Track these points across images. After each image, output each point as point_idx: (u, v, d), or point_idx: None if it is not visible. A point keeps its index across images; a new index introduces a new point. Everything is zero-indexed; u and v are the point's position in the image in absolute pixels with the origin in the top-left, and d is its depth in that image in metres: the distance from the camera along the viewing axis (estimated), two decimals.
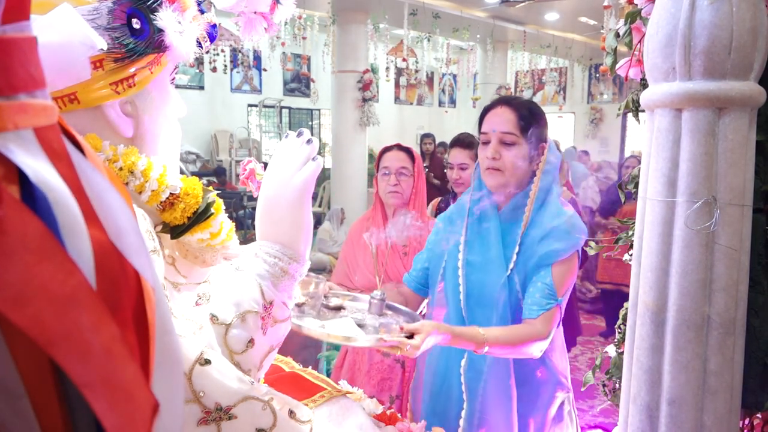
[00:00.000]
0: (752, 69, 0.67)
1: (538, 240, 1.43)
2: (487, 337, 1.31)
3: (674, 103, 0.70)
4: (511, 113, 1.47)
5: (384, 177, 2.15)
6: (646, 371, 0.73)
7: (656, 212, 0.72)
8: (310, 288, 1.35)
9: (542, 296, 1.38)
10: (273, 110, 10.90)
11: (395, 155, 2.18)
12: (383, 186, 2.15)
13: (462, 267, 1.55)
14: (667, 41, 0.69)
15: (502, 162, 1.46)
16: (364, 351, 2.08)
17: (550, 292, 1.38)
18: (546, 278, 1.39)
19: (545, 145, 1.50)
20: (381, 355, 2.05)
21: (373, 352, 2.05)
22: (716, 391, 0.69)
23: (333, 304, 1.41)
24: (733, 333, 0.70)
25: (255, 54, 10.11)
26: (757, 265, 0.75)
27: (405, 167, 2.15)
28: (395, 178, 2.12)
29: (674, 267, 0.70)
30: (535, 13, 8.53)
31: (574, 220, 1.44)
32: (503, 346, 1.34)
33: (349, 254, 2.21)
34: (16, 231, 0.24)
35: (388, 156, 2.19)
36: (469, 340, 1.31)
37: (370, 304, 1.40)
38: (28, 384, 0.28)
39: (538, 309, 1.37)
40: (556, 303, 1.38)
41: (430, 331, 1.22)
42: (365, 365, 2.07)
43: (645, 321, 0.74)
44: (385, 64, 9.23)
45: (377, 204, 2.22)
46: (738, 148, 0.68)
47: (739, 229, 0.69)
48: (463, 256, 1.56)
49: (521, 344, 1.35)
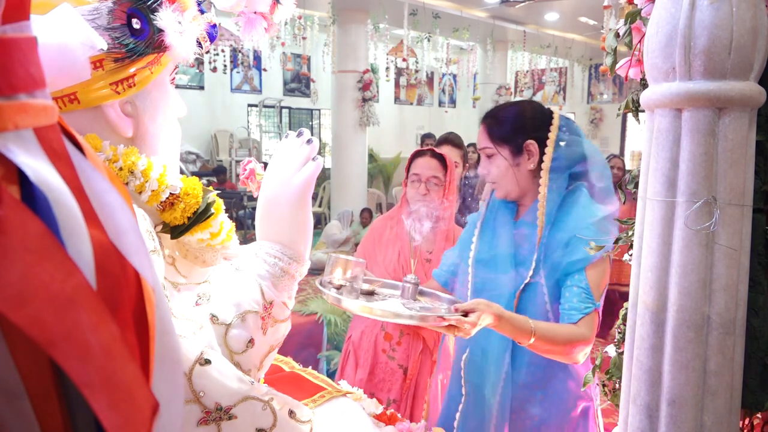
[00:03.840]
0: (752, 69, 0.67)
1: (564, 243, 1.40)
2: (535, 328, 1.28)
3: (674, 103, 0.70)
4: (483, 128, 1.54)
5: (413, 184, 2.06)
6: (646, 371, 0.73)
7: (656, 212, 0.72)
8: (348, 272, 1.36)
9: (580, 300, 1.35)
10: (273, 110, 10.90)
11: (427, 163, 2.06)
12: (412, 192, 2.06)
13: (471, 265, 1.58)
14: (667, 41, 0.69)
15: (491, 176, 1.52)
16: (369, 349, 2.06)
17: (587, 295, 1.35)
18: (581, 282, 1.36)
19: (530, 143, 1.47)
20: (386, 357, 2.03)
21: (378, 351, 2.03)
22: (716, 391, 0.69)
23: (365, 289, 1.40)
24: (733, 333, 0.70)
25: (255, 54, 10.11)
26: (757, 265, 0.75)
27: (436, 176, 2.04)
28: (425, 187, 2.03)
29: (674, 267, 0.70)
30: (535, 13, 8.53)
31: (604, 222, 1.39)
32: (548, 342, 1.30)
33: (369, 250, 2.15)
34: (16, 231, 0.24)
35: (419, 162, 2.08)
36: (516, 327, 1.28)
37: (403, 289, 1.39)
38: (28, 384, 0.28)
39: (578, 313, 1.34)
40: (595, 307, 1.35)
41: (484, 309, 1.22)
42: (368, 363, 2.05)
43: (645, 321, 0.74)
44: (385, 64, 9.23)
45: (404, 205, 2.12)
46: (738, 148, 0.68)
47: (739, 229, 0.69)
48: (473, 254, 1.58)
49: (566, 344, 1.31)
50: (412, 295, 1.38)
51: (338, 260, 1.37)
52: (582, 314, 1.33)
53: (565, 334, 1.31)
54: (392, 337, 2.03)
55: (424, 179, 2.03)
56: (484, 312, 1.21)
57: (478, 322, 1.20)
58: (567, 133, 1.50)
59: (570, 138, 1.50)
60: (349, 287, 1.35)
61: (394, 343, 2.03)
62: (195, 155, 9.40)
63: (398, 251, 2.08)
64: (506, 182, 1.50)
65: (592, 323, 1.35)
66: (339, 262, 1.36)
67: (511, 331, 1.29)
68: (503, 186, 1.51)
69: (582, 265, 1.37)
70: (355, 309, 1.25)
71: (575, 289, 1.36)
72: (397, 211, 2.19)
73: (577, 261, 1.38)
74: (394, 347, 2.03)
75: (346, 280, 1.35)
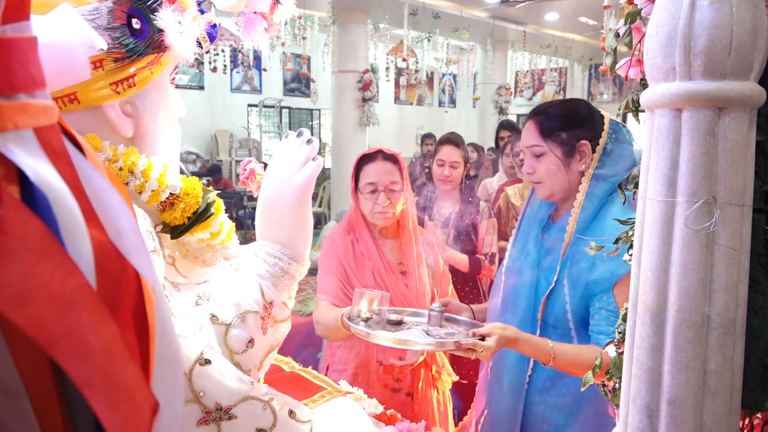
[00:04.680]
0: (752, 69, 0.67)
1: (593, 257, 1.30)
2: (555, 350, 1.28)
3: (674, 103, 0.70)
4: (533, 124, 1.47)
5: (369, 195, 1.75)
6: (646, 371, 0.73)
7: (656, 212, 0.72)
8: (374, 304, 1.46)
9: (608, 324, 1.29)
10: (273, 110, 10.89)
11: (382, 168, 1.77)
12: (368, 206, 1.76)
13: (504, 273, 1.58)
14: (667, 41, 0.69)
15: (537, 175, 1.46)
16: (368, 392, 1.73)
17: (615, 318, 1.27)
18: (609, 305, 1.30)
19: (584, 143, 1.40)
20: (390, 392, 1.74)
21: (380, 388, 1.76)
22: (716, 391, 0.69)
23: (394, 318, 1.48)
24: (733, 333, 0.70)
25: (255, 54, 10.10)
26: (757, 265, 0.75)
27: (394, 181, 1.76)
28: (385, 197, 1.74)
29: (674, 267, 0.70)
30: (535, 13, 8.53)
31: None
32: (570, 365, 1.28)
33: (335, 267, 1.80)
34: (16, 231, 0.24)
35: (371, 169, 1.77)
36: (535, 349, 1.29)
37: (430, 317, 1.45)
38: (28, 384, 0.28)
39: (606, 338, 1.29)
40: None
41: (500, 333, 1.25)
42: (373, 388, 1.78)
43: (645, 321, 0.74)
44: (385, 64, 9.23)
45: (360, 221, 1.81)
46: (738, 148, 0.68)
47: (739, 229, 0.69)
48: (506, 262, 1.59)
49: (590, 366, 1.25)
50: (438, 322, 1.45)
51: (363, 294, 1.46)
52: (610, 338, 1.26)
53: (589, 358, 1.25)
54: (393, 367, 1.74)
55: (382, 188, 1.74)
56: (501, 335, 1.24)
57: (494, 346, 1.24)
58: (615, 139, 1.43)
59: (618, 144, 1.42)
60: (377, 318, 1.44)
61: (396, 373, 1.76)
62: (195, 155, 9.40)
63: (371, 271, 1.79)
64: (553, 183, 1.44)
65: None
66: (363, 296, 1.46)
67: (531, 353, 1.31)
68: (548, 186, 1.45)
69: (608, 284, 1.31)
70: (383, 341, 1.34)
71: (603, 312, 1.31)
72: (350, 225, 1.86)
73: (602, 280, 1.31)
74: (398, 377, 1.77)
75: (372, 312, 1.44)
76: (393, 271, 1.81)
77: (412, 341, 1.33)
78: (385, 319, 1.44)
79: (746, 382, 0.74)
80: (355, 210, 1.84)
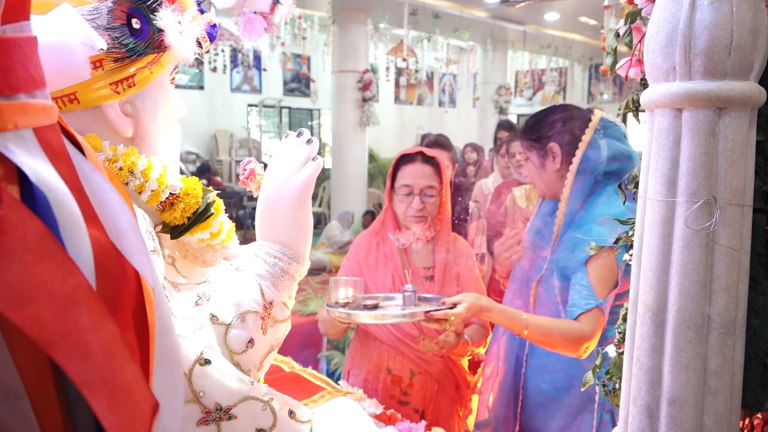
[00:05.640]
0: (752, 69, 0.67)
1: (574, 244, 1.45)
2: (528, 321, 1.36)
3: (674, 103, 0.70)
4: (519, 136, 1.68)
5: (404, 197, 1.68)
6: (646, 371, 0.73)
7: (656, 212, 0.72)
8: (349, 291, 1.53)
9: (581, 297, 1.40)
10: (273, 110, 10.89)
11: (419, 171, 1.68)
12: (401, 207, 1.70)
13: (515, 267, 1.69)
14: (667, 41, 0.69)
15: (528, 179, 1.64)
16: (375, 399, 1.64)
17: (588, 292, 1.39)
18: (583, 280, 1.41)
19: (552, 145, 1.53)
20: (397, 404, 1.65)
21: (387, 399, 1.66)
22: (716, 391, 0.69)
23: (369, 304, 1.55)
24: (733, 333, 0.70)
25: (255, 54, 10.10)
26: (757, 265, 0.75)
27: (431, 186, 1.68)
28: (419, 201, 1.67)
29: (674, 267, 0.70)
30: (535, 13, 8.52)
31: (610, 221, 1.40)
32: (543, 335, 1.37)
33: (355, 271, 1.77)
34: (16, 231, 0.24)
35: (409, 171, 1.69)
36: (509, 319, 1.36)
37: (404, 298, 1.52)
38: (28, 384, 0.28)
39: (577, 309, 1.39)
40: (596, 304, 1.38)
41: (472, 300, 1.32)
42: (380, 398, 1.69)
43: (645, 321, 0.74)
44: (385, 64, 9.23)
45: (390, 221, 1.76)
46: (738, 148, 0.68)
47: (739, 229, 0.69)
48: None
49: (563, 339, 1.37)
50: (412, 302, 1.50)
51: (338, 282, 1.53)
52: (582, 310, 1.39)
53: (560, 328, 1.37)
54: (401, 379, 1.67)
55: (418, 191, 1.68)
56: (471, 303, 1.27)
57: (464, 312, 1.30)
58: (603, 135, 1.51)
59: (605, 140, 1.49)
60: (354, 304, 1.50)
61: (405, 385, 1.67)
62: (195, 155, 9.40)
63: (390, 273, 1.73)
64: (539, 183, 1.61)
65: (594, 319, 1.38)
66: (339, 283, 1.52)
67: (505, 323, 1.38)
68: (538, 186, 1.63)
69: (582, 262, 1.42)
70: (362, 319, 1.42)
71: (577, 287, 1.42)
72: (380, 227, 1.81)
73: (579, 259, 1.42)
74: (406, 390, 1.67)
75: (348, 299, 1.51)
76: (417, 276, 1.73)
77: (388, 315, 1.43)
78: (361, 304, 1.52)
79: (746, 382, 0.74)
80: (387, 210, 1.78)
